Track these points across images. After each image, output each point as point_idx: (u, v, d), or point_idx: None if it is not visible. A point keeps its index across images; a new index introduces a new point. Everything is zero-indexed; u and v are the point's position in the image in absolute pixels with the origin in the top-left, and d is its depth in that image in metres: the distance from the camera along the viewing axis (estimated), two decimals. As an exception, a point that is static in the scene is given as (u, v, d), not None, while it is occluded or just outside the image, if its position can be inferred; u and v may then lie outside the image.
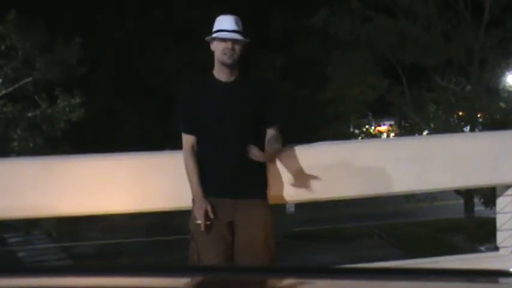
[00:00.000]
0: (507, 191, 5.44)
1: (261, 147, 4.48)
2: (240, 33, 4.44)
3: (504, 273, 2.01)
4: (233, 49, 4.41)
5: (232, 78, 4.49)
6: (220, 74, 4.50)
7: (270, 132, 4.50)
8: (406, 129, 26.53)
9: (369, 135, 28.91)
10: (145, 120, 26.88)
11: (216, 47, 4.46)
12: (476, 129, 23.28)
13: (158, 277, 2.00)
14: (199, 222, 4.34)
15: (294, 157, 4.87)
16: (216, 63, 4.51)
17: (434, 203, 22.81)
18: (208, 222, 4.35)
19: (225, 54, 4.41)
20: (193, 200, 4.47)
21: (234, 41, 4.41)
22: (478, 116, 24.49)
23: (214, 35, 4.45)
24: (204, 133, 4.47)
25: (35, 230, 20.86)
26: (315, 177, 4.92)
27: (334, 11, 23.57)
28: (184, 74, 22.81)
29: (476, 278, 2.05)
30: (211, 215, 4.34)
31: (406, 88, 24.61)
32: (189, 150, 4.49)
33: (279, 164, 4.73)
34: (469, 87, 24.76)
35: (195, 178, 4.43)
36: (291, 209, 21.86)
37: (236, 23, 4.46)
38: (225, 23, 4.46)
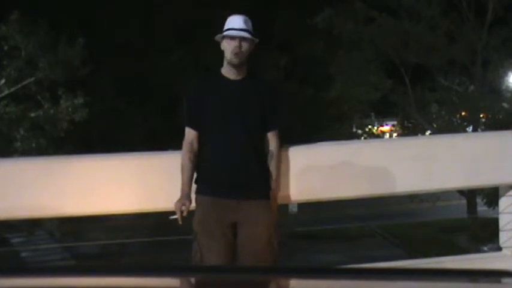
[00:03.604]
0: (510, 191, 5.43)
1: (264, 147, 4.50)
2: (248, 32, 4.47)
3: (507, 274, 2.00)
4: (240, 47, 4.43)
5: (239, 77, 4.51)
6: (229, 72, 4.51)
7: (271, 140, 4.53)
8: (409, 129, 26.55)
9: (372, 136, 28.93)
10: (148, 120, 26.89)
11: (225, 46, 4.48)
12: (479, 129, 23.28)
13: (159, 277, 2.00)
14: (176, 216, 4.39)
15: (297, 157, 4.86)
16: (225, 63, 4.53)
17: (437, 203, 22.82)
18: (183, 215, 4.39)
19: (234, 53, 4.43)
20: (196, 200, 4.49)
21: (241, 39, 4.44)
22: (481, 116, 24.51)
23: (223, 34, 4.49)
24: (208, 131, 4.47)
25: (38, 230, 20.88)
26: (317, 178, 4.93)
27: (337, 11, 23.59)
28: (188, 74, 22.82)
29: (479, 278, 2.05)
30: (184, 213, 4.37)
31: (409, 88, 24.62)
32: (188, 145, 4.51)
33: (282, 164, 4.73)
34: (472, 87, 24.78)
35: (185, 175, 4.46)
36: (294, 209, 21.87)
37: (245, 22, 4.49)
38: (233, 22, 4.49)
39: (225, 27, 4.52)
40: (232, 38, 4.44)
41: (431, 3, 22.78)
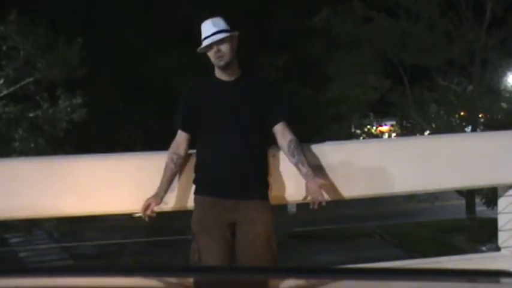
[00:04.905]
0: (509, 191, 5.43)
1: (262, 147, 4.51)
2: (221, 32, 4.45)
3: (505, 274, 2.00)
4: (219, 51, 4.44)
5: (233, 78, 4.51)
6: (221, 74, 4.53)
7: (278, 130, 4.50)
8: (407, 129, 26.57)
9: (371, 136, 28.95)
10: (147, 120, 26.89)
11: (209, 55, 4.51)
12: (478, 130, 23.28)
13: (158, 277, 2.00)
14: (139, 214, 4.47)
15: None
16: (215, 67, 4.54)
17: (435, 203, 22.82)
18: (147, 213, 4.45)
19: (216, 58, 4.45)
20: (194, 200, 4.50)
21: (216, 43, 4.43)
22: (480, 116, 24.52)
23: (202, 45, 4.49)
24: (205, 133, 4.48)
25: (36, 230, 20.87)
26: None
27: (336, 11, 23.60)
28: (186, 74, 22.81)
29: (477, 278, 2.05)
30: (148, 212, 4.45)
31: (407, 88, 24.64)
32: (175, 146, 4.57)
33: (280, 164, 4.72)
34: (470, 87, 24.80)
35: (165, 175, 4.53)
36: (292, 209, 21.85)
37: (214, 24, 4.48)
38: (205, 30, 4.49)
39: (202, 37, 4.51)
40: (209, 47, 4.45)
41: (429, 3, 22.79)
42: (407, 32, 23.05)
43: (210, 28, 4.46)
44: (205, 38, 4.45)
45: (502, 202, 5.50)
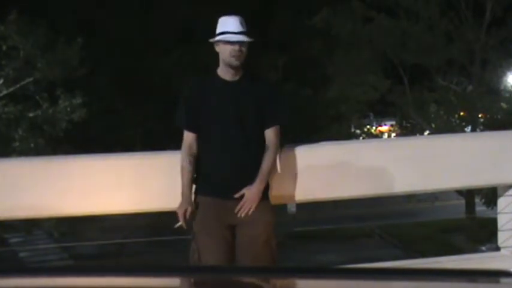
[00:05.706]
0: (508, 191, 5.43)
1: (263, 147, 4.49)
2: (245, 34, 4.43)
3: (505, 274, 2.00)
4: (240, 51, 4.39)
5: (236, 78, 4.48)
6: (225, 73, 4.49)
7: (267, 136, 4.49)
8: (407, 129, 26.58)
9: (370, 136, 28.96)
10: (147, 120, 26.89)
11: (223, 50, 4.43)
12: (478, 129, 23.30)
13: (158, 277, 2.00)
14: (180, 223, 4.36)
15: (296, 157, 4.86)
16: (222, 64, 4.49)
17: (435, 203, 22.83)
18: (186, 218, 4.37)
19: (233, 56, 4.39)
20: (195, 200, 4.49)
21: (241, 43, 4.40)
22: (480, 116, 24.53)
23: (220, 38, 4.43)
24: (206, 132, 4.46)
25: (36, 230, 20.87)
26: (316, 178, 4.92)
27: (336, 11, 23.61)
28: (186, 74, 22.81)
29: (477, 278, 2.05)
30: (187, 216, 4.35)
31: (407, 88, 24.64)
32: (187, 148, 4.50)
33: (281, 164, 4.72)
34: (470, 87, 24.82)
35: (186, 178, 4.44)
36: (292, 209, 21.85)
37: (241, 23, 4.43)
38: (230, 24, 4.43)
39: (220, 29, 4.45)
40: (231, 42, 4.39)
41: (429, 3, 22.80)
42: (407, 32, 23.06)
43: (237, 25, 4.40)
44: (229, 33, 4.40)
45: (501, 202, 5.50)
